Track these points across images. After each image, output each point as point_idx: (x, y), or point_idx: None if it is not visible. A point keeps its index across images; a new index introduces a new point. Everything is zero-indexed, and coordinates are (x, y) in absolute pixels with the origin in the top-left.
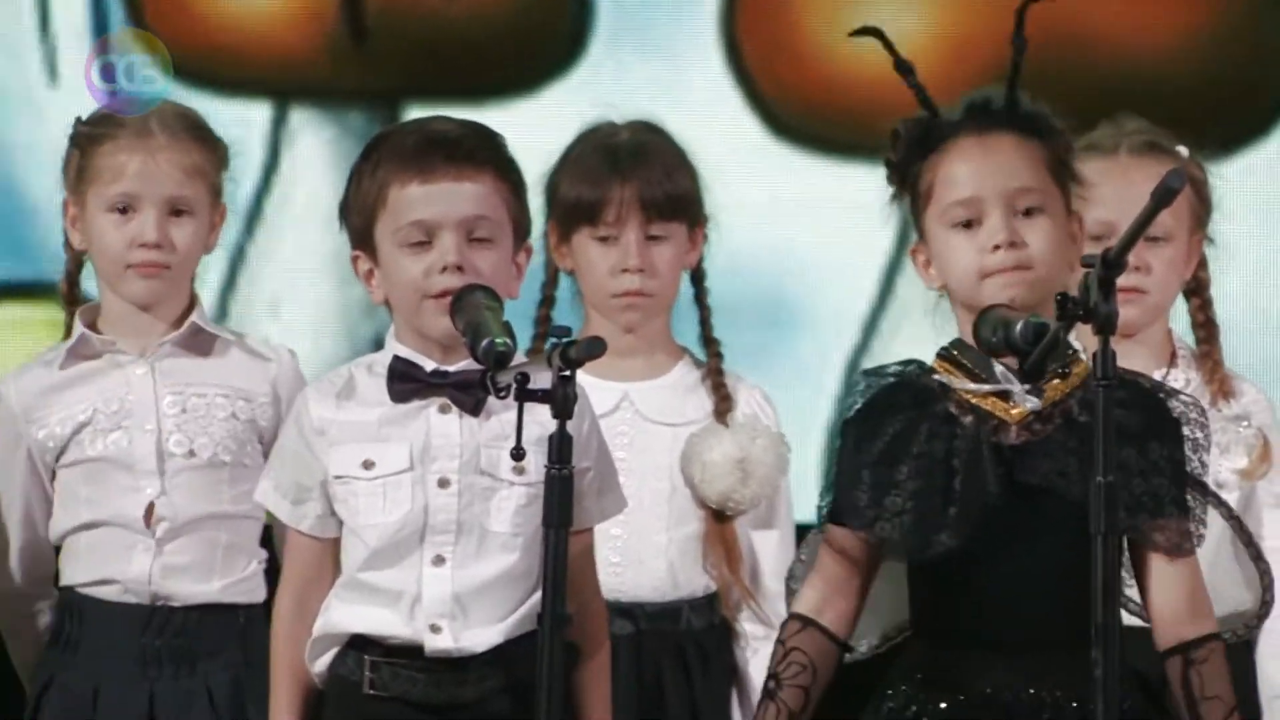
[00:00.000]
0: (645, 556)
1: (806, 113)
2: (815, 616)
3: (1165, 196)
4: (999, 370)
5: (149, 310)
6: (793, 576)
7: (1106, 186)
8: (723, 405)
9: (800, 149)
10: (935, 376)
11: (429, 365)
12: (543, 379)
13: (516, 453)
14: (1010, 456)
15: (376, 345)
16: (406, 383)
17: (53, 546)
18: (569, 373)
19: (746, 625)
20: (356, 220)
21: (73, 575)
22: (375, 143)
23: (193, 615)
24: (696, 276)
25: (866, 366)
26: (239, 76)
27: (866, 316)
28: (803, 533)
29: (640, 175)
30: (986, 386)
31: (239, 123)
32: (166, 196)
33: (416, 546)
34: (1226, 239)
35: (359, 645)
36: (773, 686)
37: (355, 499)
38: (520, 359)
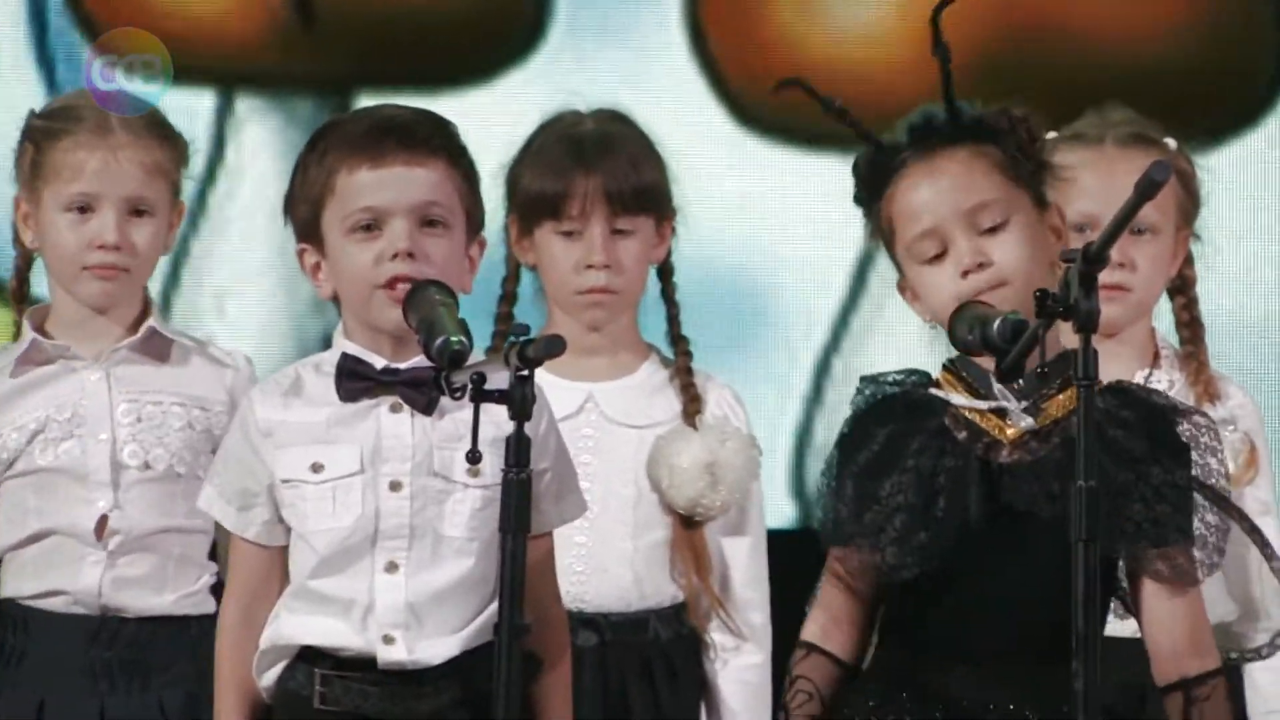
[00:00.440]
0: (610, 564)
1: (775, 102)
2: (820, 643)
3: (1149, 189)
4: (998, 388)
5: (104, 313)
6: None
7: (1091, 178)
8: (691, 406)
9: (768, 140)
10: (935, 390)
11: (379, 362)
12: (500, 379)
13: (472, 456)
14: (998, 476)
15: (325, 344)
16: (356, 381)
17: None
18: (527, 372)
19: (716, 636)
20: (303, 210)
21: (17, 588)
22: (322, 131)
23: (145, 627)
24: (664, 272)
25: (865, 374)
26: (183, 64)
27: (837, 313)
28: (773, 539)
29: (605, 167)
30: (983, 404)
31: (182, 111)
32: (127, 196)
33: (368, 552)
34: (1211, 235)
35: (309, 658)
36: (782, 718)
37: (303, 503)
38: (477, 357)
